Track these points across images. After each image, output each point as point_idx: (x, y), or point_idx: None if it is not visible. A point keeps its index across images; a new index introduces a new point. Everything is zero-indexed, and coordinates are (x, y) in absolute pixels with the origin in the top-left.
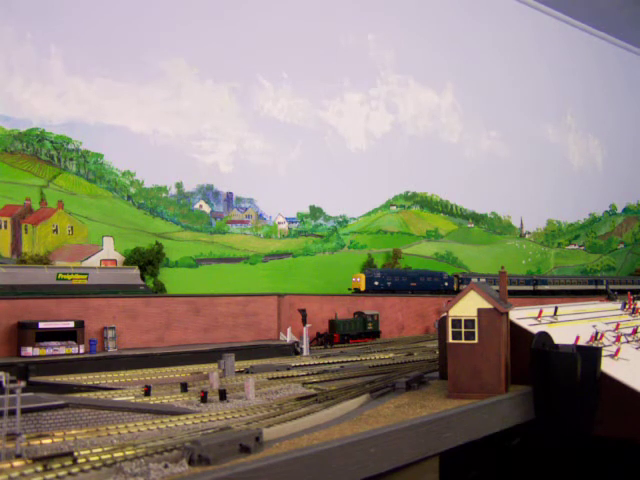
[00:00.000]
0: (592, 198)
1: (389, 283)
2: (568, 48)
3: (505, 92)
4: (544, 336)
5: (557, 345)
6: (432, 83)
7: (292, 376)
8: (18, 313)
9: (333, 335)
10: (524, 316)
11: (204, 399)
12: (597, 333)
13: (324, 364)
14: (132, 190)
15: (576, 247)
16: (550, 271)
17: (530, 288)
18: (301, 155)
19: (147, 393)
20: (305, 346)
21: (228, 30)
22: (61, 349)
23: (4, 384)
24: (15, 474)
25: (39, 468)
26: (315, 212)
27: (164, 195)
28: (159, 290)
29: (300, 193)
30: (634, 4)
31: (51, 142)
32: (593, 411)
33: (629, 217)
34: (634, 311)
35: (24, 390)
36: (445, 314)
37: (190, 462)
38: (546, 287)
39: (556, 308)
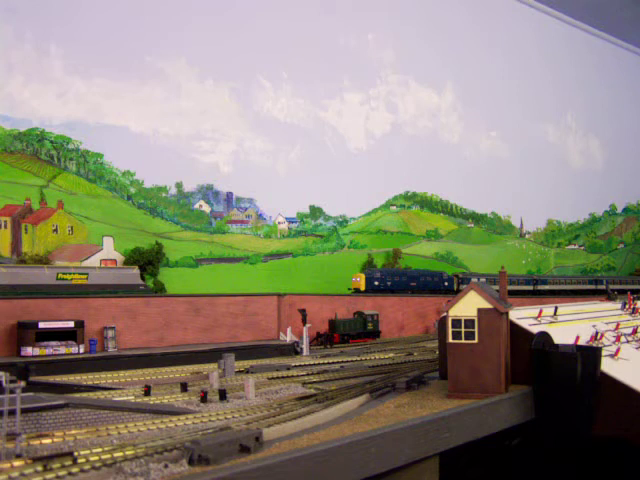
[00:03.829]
0: (592, 198)
1: (389, 283)
2: (568, 48)
3: (505, 92)
4: (544, 336)
5: (557, 345)
6: (432, 83)
7: (292, 376)
8: (18, 313)
9: (333, 335)
10: (524, 316)
11: (204, 399)
12: (597, 333)
13: (324, 364)
14: (132, 190)
15: (576, 247)
16: (550, 271)
17: (530, 288)
18: (301, 155)
19: (147, 393)
20: (305, 346)
21: (228, 30)
22: (61, 349)
23: (4, 384)
24: (15, 474)
25: (39, 468)
26: (315, 212)
27: (164, 195)
28: (159, 290)
29: (300, 193)
30: (634, 4)
31: (51, 142)
32: (593, 411)
33: (629, 217)
34: (634, 311)
35: (24, 390)
36: (445, 314)
37: (190, 462)
38: (546, 287)
39: (556, 308)
